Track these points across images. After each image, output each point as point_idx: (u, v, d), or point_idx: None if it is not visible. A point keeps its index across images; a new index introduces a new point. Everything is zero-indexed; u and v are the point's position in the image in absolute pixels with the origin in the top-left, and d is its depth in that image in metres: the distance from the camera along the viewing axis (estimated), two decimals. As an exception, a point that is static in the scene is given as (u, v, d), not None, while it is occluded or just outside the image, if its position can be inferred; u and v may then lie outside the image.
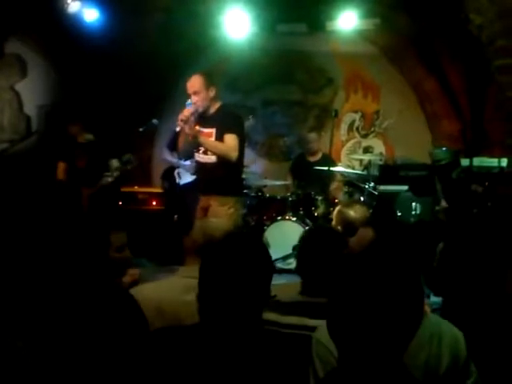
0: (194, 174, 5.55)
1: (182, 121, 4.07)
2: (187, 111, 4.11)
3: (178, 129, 4.18)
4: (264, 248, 1.68)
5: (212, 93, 4.23)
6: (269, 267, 1.64)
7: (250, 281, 1.53)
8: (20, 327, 2.19)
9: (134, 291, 2.30)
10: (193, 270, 2.32)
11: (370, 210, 3.65)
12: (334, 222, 3.41)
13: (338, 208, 3.46)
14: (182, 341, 1.53)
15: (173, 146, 5.76)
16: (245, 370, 1.45)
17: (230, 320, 1.51)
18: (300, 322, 2.15)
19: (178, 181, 5.65)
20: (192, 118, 4.14)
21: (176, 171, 5.65)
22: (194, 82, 4.22)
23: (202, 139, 4.18)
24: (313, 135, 7.05)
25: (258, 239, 1.77)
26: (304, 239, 2.65)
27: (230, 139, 4.16)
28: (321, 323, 1.76)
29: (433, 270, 2.75)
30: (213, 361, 1.46)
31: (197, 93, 4.19)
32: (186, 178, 5.58)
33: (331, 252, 2.39)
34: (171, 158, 5.74)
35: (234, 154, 4.16)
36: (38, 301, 2.38)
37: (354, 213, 3.28)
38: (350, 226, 3.18)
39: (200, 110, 4.18)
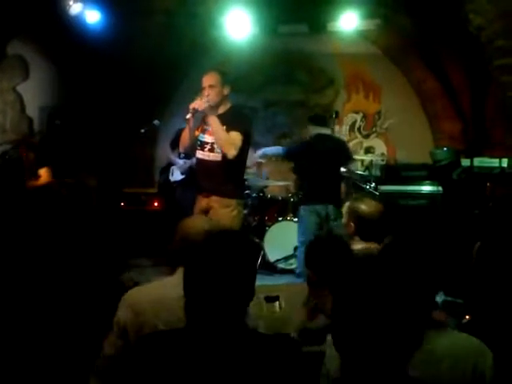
0: (183, 174, 5.67)
1: (192, 110, 4.05)
2: (200, 101, 4.08)
3: (187, 116, 4.12)
4: (248, 245, 1.67)
5: (226, 91, 4.21)
6: (250, 263, 1.64)
7: (232, 278, 1.53)
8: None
9: (129, 294, 2.26)
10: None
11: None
12: (344, 219, 3.14)
13: (348, 203, 3.16)
14: (171, 345, 1.54)
15: (175, 145, 5.84)
16: (231, 370, 1.46)
17: (215, 319, 1.51)
18: None
19: (170, 177, 5.79)
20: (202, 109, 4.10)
21: (171, 168, 5.80)
22: (211, 77, 4.19)
23: (211, 118, 4.07)
24: None
25: (242, 236, 1.76)
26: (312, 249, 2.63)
27: (234, 135, 4.08)
28: None
29: (467, 271, 2.52)
30: (201, 362, 1.47)
31: (212, 87, 4.14)
32: (176, 175, 5.74)
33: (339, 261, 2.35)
34: (172, 156, 5.87)
35: (232, 151, 4.03)
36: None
37: (366, 207, 2.97)
38: (362, 222, 2.93)
39: (212, 104, 4.15)
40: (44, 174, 5.39)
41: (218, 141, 4.10)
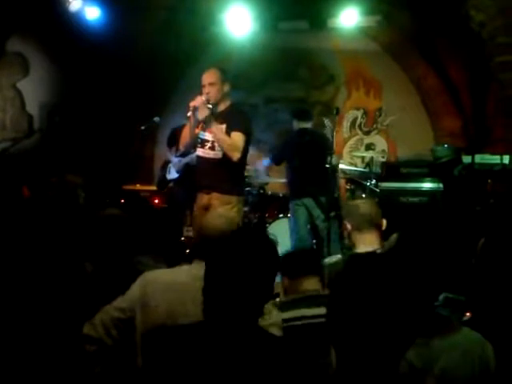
0: (177, 172, 5.69)
1: (193, 107, 4.04)
2: (199, 99, 4.07)
3: (188, 114, 4.11)
4: (270, 243, 1.68)
5: (226, 88, 4.21)
6: (274, 262, 1.64)
7: (254, 276, 1.54)
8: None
9: (148, 272, 2.43)
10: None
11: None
12: (344, 220, 3.14)
13: (345, 203, 3.25)
14: (185, 339, 1.54)
15: (171, 143, 5.85)
16: (243, 369, 1.46)
17: (233, 315, 1.52)
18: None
19: (167, 175, 5.83)
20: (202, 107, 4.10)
21: (169, 165, 5.84)
22: (211, 74, 4.20)
23: (214, 125, 4.08)
24: None
25: (264, 235, 1.77)
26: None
27: (236, 137, 4.10)
28: None
29: (468, 268, 2.57)
30: (218, 357, 1.47)
31: (212, 84, 4.14)
32: (172, 173, 5.78)
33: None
34: (168, 154, 5.90)
35: (236, 154, 4.06)
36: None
37: (363, 206, 3.00)
38: (359, 221, 2.96)
39: (212, 101, 4.14)
40: (26, 190, 5.46)
41: (223, 146, 4.10)
